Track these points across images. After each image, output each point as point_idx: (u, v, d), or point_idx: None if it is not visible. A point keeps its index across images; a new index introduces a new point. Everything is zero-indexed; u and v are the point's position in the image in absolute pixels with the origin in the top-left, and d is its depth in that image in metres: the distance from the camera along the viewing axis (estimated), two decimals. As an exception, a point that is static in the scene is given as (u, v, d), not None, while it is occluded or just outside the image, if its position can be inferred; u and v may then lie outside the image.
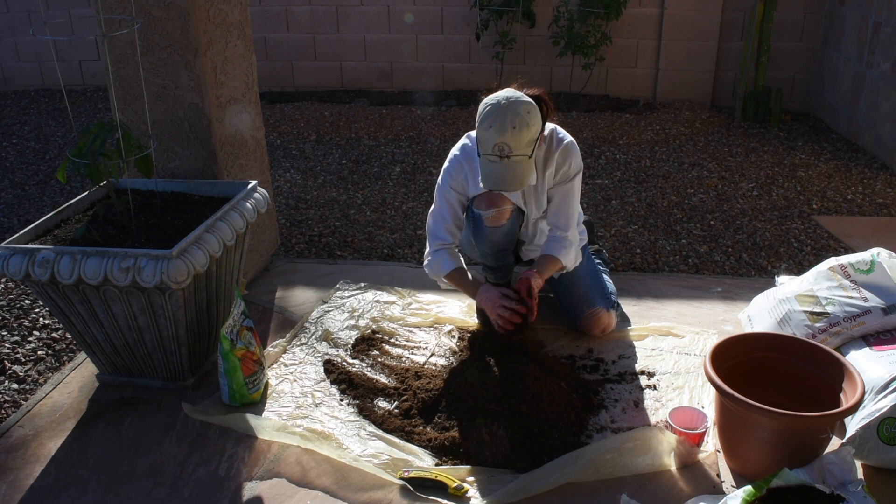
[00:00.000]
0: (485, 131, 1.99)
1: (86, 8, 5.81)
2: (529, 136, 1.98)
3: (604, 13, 5.15)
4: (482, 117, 2.01)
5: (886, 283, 2.10)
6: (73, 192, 3.95)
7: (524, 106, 1.99)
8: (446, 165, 2.31)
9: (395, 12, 5.63)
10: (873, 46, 4.48)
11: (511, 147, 1.96)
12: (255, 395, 2.13)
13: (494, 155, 1.99)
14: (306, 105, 5.55)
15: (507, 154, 1.97)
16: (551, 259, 2.28)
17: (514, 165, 1.99)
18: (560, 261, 2.28)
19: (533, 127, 1.99)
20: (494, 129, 1.96)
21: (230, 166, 2.65)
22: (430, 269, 2.35)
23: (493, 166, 2.01)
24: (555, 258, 2.28)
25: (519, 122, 1.96)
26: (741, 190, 3.97)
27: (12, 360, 2.50)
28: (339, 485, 1.83)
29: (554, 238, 2.31)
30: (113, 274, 1.94)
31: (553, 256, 2.28)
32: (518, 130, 1.95)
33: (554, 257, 2.28)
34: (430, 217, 2.35)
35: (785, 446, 1.72)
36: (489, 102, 2.02)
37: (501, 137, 1.95)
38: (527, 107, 1.99)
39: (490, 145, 1.98)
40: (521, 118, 1.96)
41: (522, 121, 1.96)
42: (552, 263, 2.28)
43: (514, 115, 1.96)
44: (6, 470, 1.93)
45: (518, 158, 1.99)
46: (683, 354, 2.33)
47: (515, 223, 2.32)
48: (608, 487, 1.80)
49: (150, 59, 2.44)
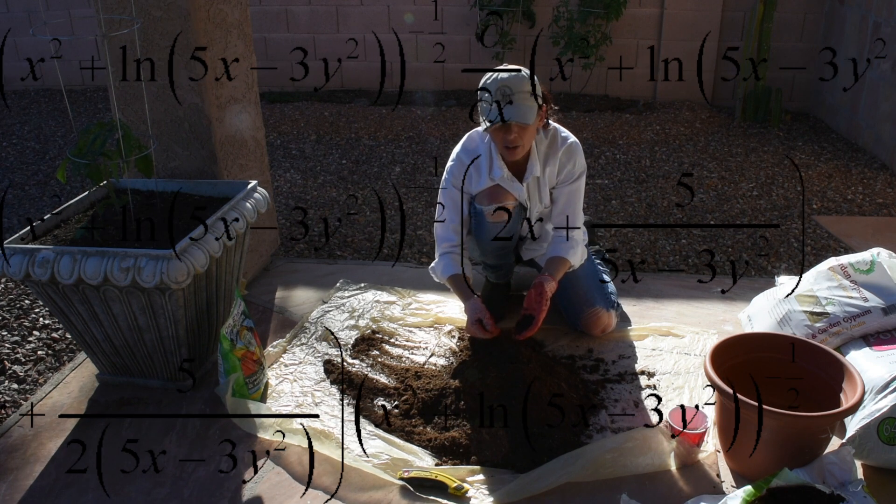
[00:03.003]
0: (488, 81, 2.10)
1: (86, 8, 5.81)
2: (528, 86, 2.09)
3: (604, 13, 5.15)
4: (484, 78, 2.13)
5: (886, 283, 2.10)
6: (74, 192, 3.95)
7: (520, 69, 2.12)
8: (449, 165, 2.33)
9: (395, 12, 5.63)
10: (873, 46, 4.48)
11: (512, 88, 2.06)
12: (255, 395, 2.13)
13: (499, 97, 2.07)
14: (306, 105, 5.55)
15: (509, 94, 2.06)
16: (559, 260, 2.29)
17: (519, 105, 2.07)
18: (568, 260, 2.29)
19: (529, 81, 2.09)
20: (493, 79, 2.09)
21: (230, 166, 2.65)
22: (433, 272, 2.38)
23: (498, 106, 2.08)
24: (562, 258, 2.29)
25: (515, 71, 2.09)
26: (741, 190, 3.97)
27: (12, 360, 2.50)
28: (338, 484, 1.83)
29: (559, 238, 2.33)
30: (113, 274, 1.94)
31: (561, 257, 2.29)
32: (516, 75, 2.08)
33: (562, 258, 2.29)
34: (437, 221, 2.36)
35: (785, 446, 1.72)
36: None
37: (503, 81, 2.07)
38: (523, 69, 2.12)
39: (493, 90, 2.08)
40: (518, 70, 2.10)
41: (518, 71, 2.10)
42: (561, 264, 2.29)
43: (511, 68, 2.12)
44: (6, 470, 1.93)
45: (521, 97, 2.07)
46: (683, 354, 2.33)
47: (517, 220, 2.32)
48: (608, 487, 1.80)
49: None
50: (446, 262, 2.33)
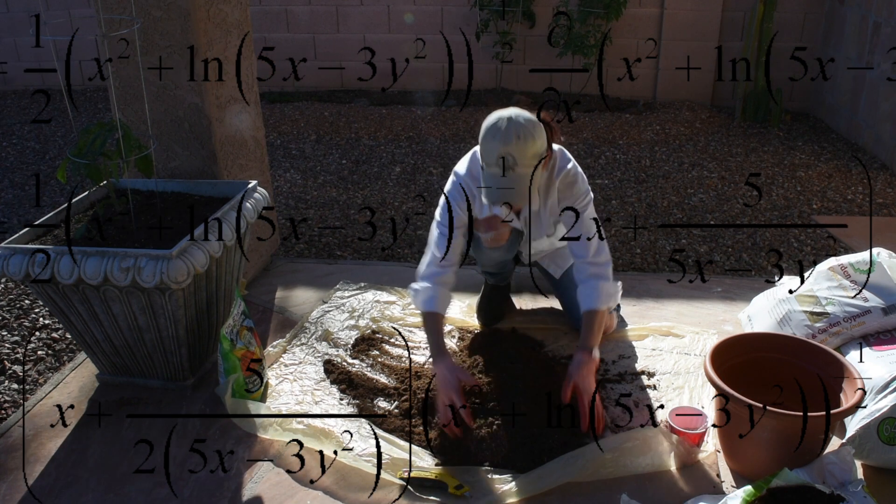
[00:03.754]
0: (489, 142, 1.90)
1: (86, 8, 5.81)
2: (534, 149, 1.90)
3: (604, 13, 5.15)
4: (486, 130, 1.93)
5: (886, 283, 2.10)
6: (73, 193, 3.94)
7: (529, 120, 1.91)
8: (449, 189, 2.18)
9: (395, 12, 5.64)
10: (873, 46, 4.48)
11: (515, 158, 1.88)
12: (255, 395, 2.13)
13: (497, 167, 1.90)
14: (306, 105, 5.55)
15: (511, 165, 1.88)
16: (593, 315, 2.09)
17: (519, 178, 1.90)
18: (598, 310, 2.09)
19: (538, 141, 1.91)
20: (499, 140, 1.88)
21: (230, 166, 2.65)
22: (413, 296, 2.17)
23: (495, 179, 1.91)
24: (596, 311, 2.09)
25: (524, 133, 1.88)
26: (741, 190, 3.97)
27: (12, 360, 2.50)
28: (339, 485, 1.83)
29: (585, 281, 2.13)
30: (113, 274, 1.94)
31: (594, 310, 2.09)
32: (523, 141, 1.87)
33: (595, 311, 2.09)
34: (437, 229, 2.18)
35: (785, 446, 1.72)
36: (493, 116, 1.94)
37: (506, 147, 1.87)
38: (532, 121, 1.92)
39: (494, 156, 1.89)
40: (526, 129, 1.89)
41: (527, 132, 1.89)
42: (597, 321, 2.08)
43: (518, 126, 1.88)
44: (6, 470, 1.93)
45: (523, 171, 1.90)
46: (683, 354, 2.33)
47: (515, 242, 2.31)
48: (608, 487, 1.79)
49: (150, 59, 2.44)
50: (431, 293, 2.11)
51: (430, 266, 2.14)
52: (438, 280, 2.12)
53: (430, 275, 2.13)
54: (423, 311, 2.12)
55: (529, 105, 5.29)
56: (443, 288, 2.13)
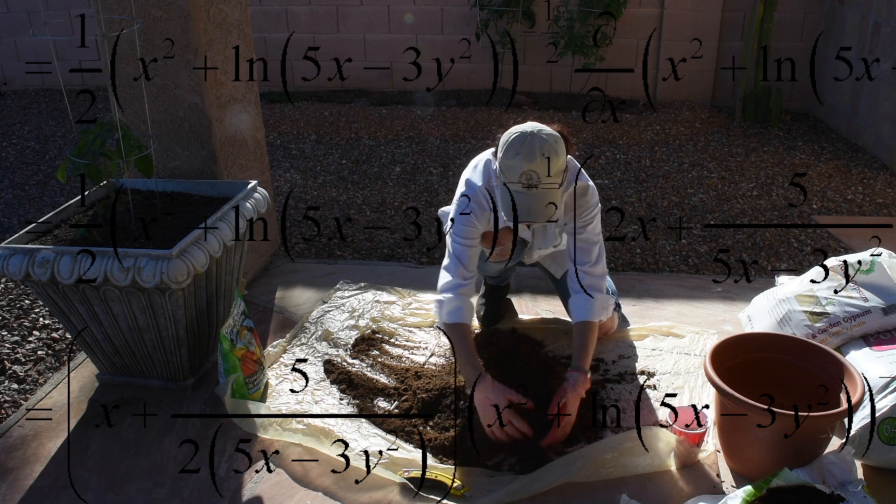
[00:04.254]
0: (511, 159, 1.85)
1: (86, 8, 5.81)
2: (558, 165, 1.86)
3: (604, 13, 5.15)
4: (508, 145, 1.87)
5: (886, 283, 2.10)
6: (73, 192, 3.95)
7: (551, 135, 1.88)
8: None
9: (395, 12, 5.64)
10: (873, 46, 4.48)
11: (539, 175, 1.82)
12: (255, 395, 2.13)
13: (521, 184, 1.84)
14: (306, 105, 5.55)
15: (535, 183, 1.83)
16: (586, 328, 2.08)
17: (543, 195, 1.85)
18: (591, 322, 2.09)
19: (561, 157, 1.87)
20: (522, 157, 1.83)
21: (230, 166, 2.65)
22: (439, 308, 2.09)
23: (519, 196, 1.85)
24: (589, 323, 2.08)
25: (548, 150, 1.83)
26: (741, 190, 3.97)
27: (12, 360, 2.50)
28: (338, 485, 1.83)
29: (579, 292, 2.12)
30: (113, 274, 1.94)
31: (587, 322, 2.09)
32: (547, 158, 1.83)
33: (588, 322, 2.08)
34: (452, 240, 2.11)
35: (785, 446, 1.72)
36: (514, 132, 1.89)
37: (530, 165, 1.82)
38: (554, 136, 1.88)
39: (517, 174, 1.83)
40: (550, 146, 1.84)
41: (551, 148, 1.84)
42: (591, 334, 2.07)
43: (542, 142, 1.84)
44: (6, 470, 1.93)
45: (546, 188, 1.85)
46: (683, 354, 2.33)
47: (519, 253, 2.31)
48: (608, 487, 1.80)
49: (150, 59, 2.44)
50: (458, 304, 2.06)
51: (454, 278, 2.07)
52: (462, 291, 2.07)
53: (453, 286, 2.07)
54: (449, 322, 2.05)
55: (530, 104, 5.31)
56: (467, 299, 2.08)
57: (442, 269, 2.12)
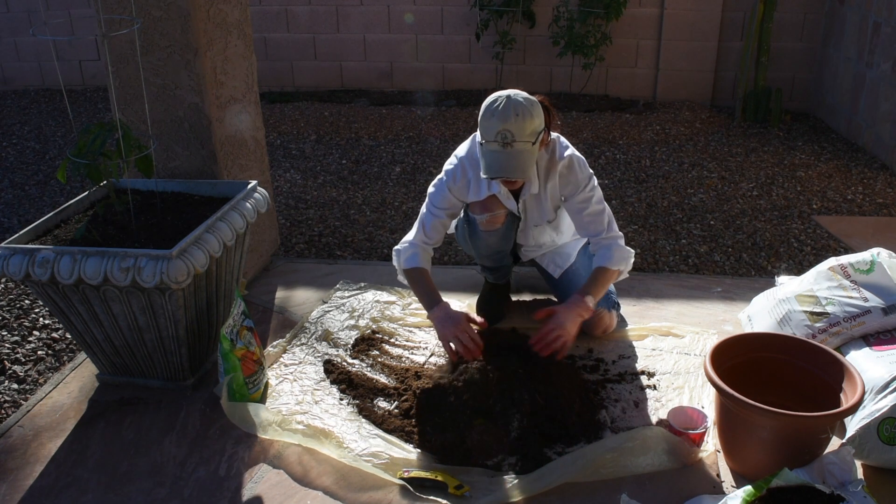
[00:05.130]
0: (487, 120, 2.00)
1: (86, 8, 5.81)
2: (532, 126, 1.99)
3: (604, 13, 5.15)
4: (485, 109, 2.02)
5: (886, 283, 2.10)
6: (73, 192, 3.95)
7: (526, 98, 2.01)
8: (448, 168, 2.27)
9: (395, 12, 5.64)
10: (873, 46, 4.48)
11: (514, 133, 1.97)
12: (255, 395, 2.13)
13: (496, 143, 1.99)
14: (306, 105, 5.55)
15: (509, 141, 1.97)
16: (601, 271, 2.23)
17: (518, 154, 1.99)
18: (609, 269, 2.23)
19: (536, 119, 2.01)
20: (497, 117, 1.97)
21: (230, 166, 2.65)
22: (397, 257, 2.31)
23: (495, 155, 2.01)
24: (606, 269, 2.23)
25: (521, 111, 1.97)
26: (741, 190, 3.97)
27: (12, 360, 2.50)
28: (339, 485, 1.83)
29: (598, 247, 2.27)
30: (113, 274, 1.94)
31: (603, 267, 2.23)
32: (521, 118, 1.97)
33: (604, 268, 2.23)
34: (425, 207, 2.30)
35: (785, 446, 1.72)
36: (492, 96, 2.04)
37: (504, 124, 1.96)
38: (529, 100, 2.02)
39: (493, 133, 1.98)
40: (524, 107, 1.98)
41: (525, 109, 1.98)
42: (603, 275, 2.22)
43: (516, 104, 1.98)
44: (6, 470, 1.93)
45: (521, 146, 1.99)
46: (683, 354, 2.33)
47: (510, 227, 2.32)
48: (608, 487, 1.79)
49: (150, 59, 2.44)
50: (414, 251, 2.27)
51: (413, 238, 2.28)
52: (420, 247, 2.26)
53: (410, 243, 2.28)
54: (407, 267, 2.26)
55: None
56: (424, 252, 2.27)
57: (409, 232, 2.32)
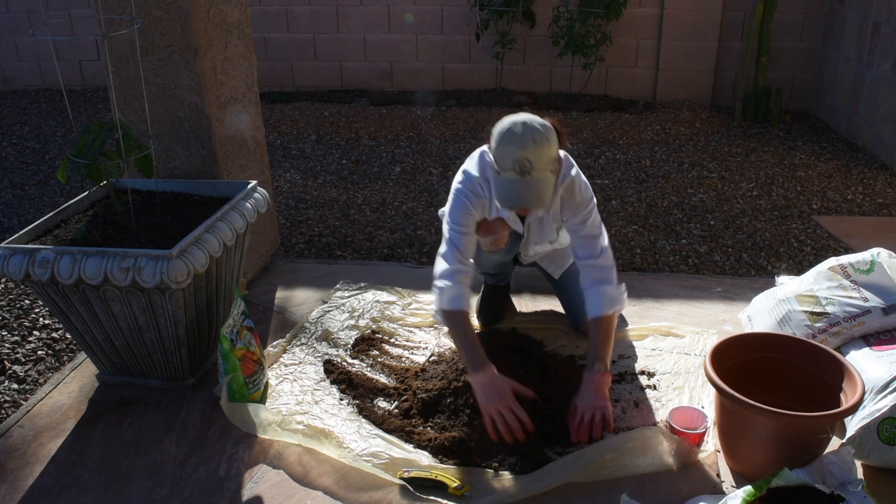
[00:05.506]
0: (504, 147, 1.89)
1: (86, 8, 5.81)
2: (550, 153, 1.90)
3: (604, 13, 5.15)
4: (500, 135, 1.91)
5: (886, 283, 2.10)
6: (73, 192, 3.95)
7: (543, 125, 1.92)
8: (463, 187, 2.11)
9: (395, 12, 5.64)
10: (873, 46, 4.48)
11: (532, 162, 1.86)
12: (255, 395, 2.13)
13: (514, 171, 1.87)
14: (306, 105, 5.55)
15: (528, 170, 1.86)
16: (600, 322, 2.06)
17: (536, 183, 1.89)
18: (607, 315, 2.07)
19: (553, 145, 1.92)
20: (514, 145, 1.87)
21: (230, 166, 2.65)
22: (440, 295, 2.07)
23: (512, 184, 1.89)
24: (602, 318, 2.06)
25: (539, 138, 1.88)
26: (741, 190, 3.97)
27: (12, 360, 2.50)
28: (339, 485, 1.83)
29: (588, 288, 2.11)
30: (113, 274, 1.94)
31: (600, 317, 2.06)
32: (539, 146, 1.87)
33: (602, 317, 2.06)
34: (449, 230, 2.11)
35: (785, 446, 1.72)
36: (506, 121, 1.94)
37: (522, 152, 1.86)
38: (546, 126, 1.92)
39: (510, 161, 1.87)
40: (541, 134, 1.89)
41: (542, 136, 1.88)
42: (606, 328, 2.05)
43: (533, 130, 1.88)
44: (6, 470, 1.93)
45: (539, 175, 1.89)
46: (683, 354, 2.33)
47: (514, 244, 2.31)
48: (608, 487, 1.79)
49: (150, 59, 2.44)
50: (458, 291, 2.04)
51: (451, 265, 2.07)
52: (460, 279, 2.06)
53: (451, 273, 2.06)
54: (450, 308, 2.04)
55: (531, 105, 5.30)
56: (466, 287, 2.07)
57: (438, 257, 2.11)
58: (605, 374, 2.00)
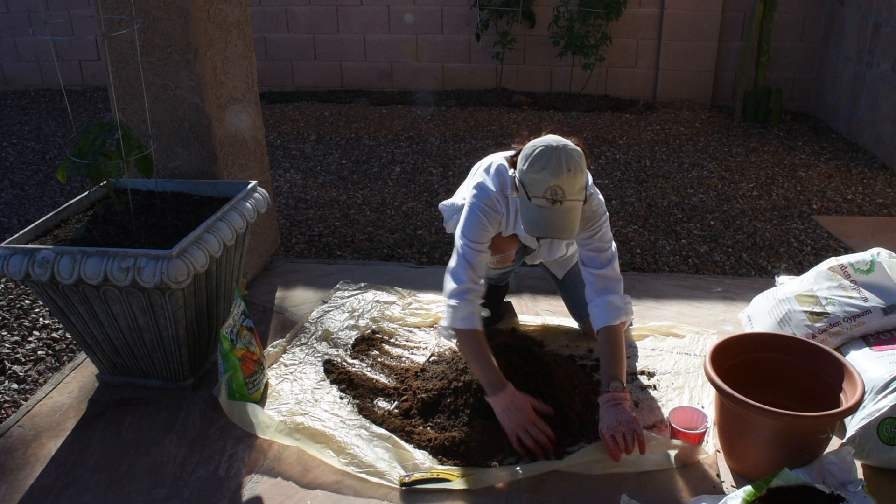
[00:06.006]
0: (536, 173, 1.80)
1: (86, 8, 5.81)
2: (581, 181, 1.84)
3: (604, 13, 5.15)
4: (532, 158, 1.83)
5: (886, 283, 2.10)
6: (73, 192, 3.95)
7: (576, 150, 1.85)
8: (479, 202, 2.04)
9: (395, 12, 5.64)
10: (873, 46, 4.48)
11: (564, 191, 1.79)
12: (255, 395, 2.13)
13: (545, 199, 1.80)
14: (306, 105, 5.55)
15: (559, 199, 1.79)
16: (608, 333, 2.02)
17: (567, 212, 1.82)
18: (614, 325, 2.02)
19: (584, 173, 1.86)
20: (548, 171, 1.79)
21: (230, 166, 2.65)
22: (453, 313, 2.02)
23: (542, 212, 1.82)
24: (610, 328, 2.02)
25: (573, 166, 1.81)
26: (741, 190, 3.97)
27: (12, 360, 2.50)
28: (339, 485, 1.83)
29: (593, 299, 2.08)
30: (113, 274, 1.94)
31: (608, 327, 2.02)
32: (573, 174, 1.80)
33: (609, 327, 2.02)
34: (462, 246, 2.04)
35: (785, 446, 1.72)
36: (538, 144, 1.86)
37: (556, 180, 1.78)
38: (578, 152, 1.86)
39: (542, 188, 1.80)
40: (575, 161, 1.82)
41: (576, 164, 1.81)
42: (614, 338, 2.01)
43: (568, 157, 1.81)
44: (6, 470, 1.93)
45: (570, 204, 1.82)
46: (683, 354, 2.33)
47: (520, 259, 2.31)
48: (608, 487, 1.80)
49: (150, 59, 2.44)
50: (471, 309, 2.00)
51: (464, 283, 2.02)
52: (472, 297, 2.02)
53: (463, 292, 2.01)
54: (463, 328, 1.99)
55: (530, 104, 5.31)
56: (478, 305, 2.03)
57: (449, 273, 2.06)
58: (622, 392, 1.91)
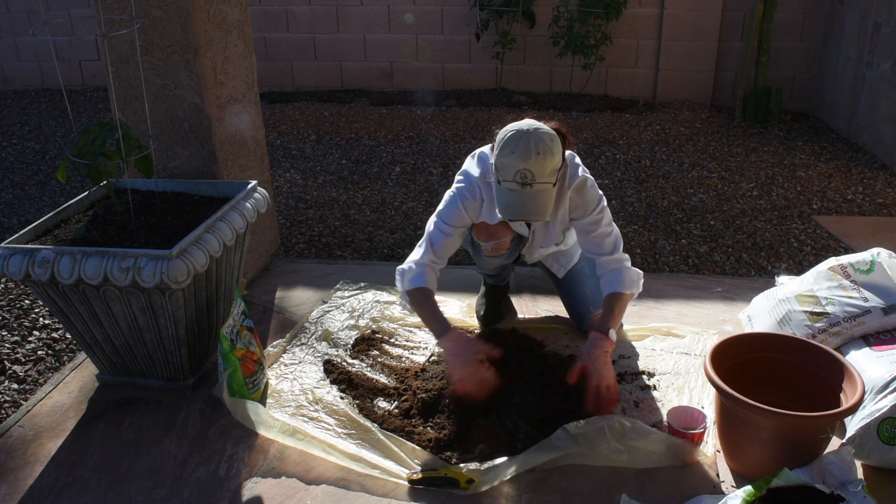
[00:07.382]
0: (506, 157, 1.86)
1: (86, 8, 5.81)
2: (552, 164, 1.87)
3: (604, 13, 5.15)
4: (503, 143, 1.88)
5: (886, 283, 2.10)
6: (73, 192, 3.95)
7: (547, 134, 1.89)
8: (462, 186, 2.13)
9: (395, 12, 5.64)
10: (873, 46, 4.48)
11: (534, 174, 1.84)
12: (256, 395, 2.13)
13: (515, 182, 1.86)
14: (306, 105, 5.55)
15: (529, 181, 1.84)
16: (615, 297, 2.11)
17: (537, 194, 1.87)
18: (624, 294, 2.12)
19: (556, 156, 1.89)
20: (517, 155, 1.84)
21: (230, 166, 2.65)
22: (401, 277, 2.17)
23: (513, 195, 1.88)
24: (619, 294, 2.12)
25: (543, 149, 1.85)
26: (741, 190, 3.97)
27: (12, 360, 2.50)
28: (339, 484, 1.83)
29: (606, 271, 2.16)
30: (113, 274, 1.94)
31: (616, 293, 2.12)
32: (542, 157, 1.84)
33: (617, 294, 2.12)
34: (434, 224, 2.16)
35: (785, 446, 1.72)
36: (510, 129, 1.91)
37: (524, 163, 1.83)
38: (549, 135, 1.89)
39: (511, 172, 1.85)
40: (545, 144, 1.86)
41: (546, 147, 1.85)
42: (619, 303, 2.11)
43: (537, 140, 1.85)
44: (6, 470, 1.93)
45: (541, 187, 1.87)
46: (683, 354, 2.33)
47: (516, 248, 2.31)
48: (608, 487, 1.80)
49: (149, 59, 2.44)
50: (420, 271, 2.11)
51: (420, 258, 2.14)
52: (427, 267, 2.13)
53: (416, 262, 2.14)
54: (412, 287, 2.11)
55: (530, 104, 5.31)
56: (431, 272, 2.13)
57: (416, 248, 2.17)
58: (609, 339, 2.04)
